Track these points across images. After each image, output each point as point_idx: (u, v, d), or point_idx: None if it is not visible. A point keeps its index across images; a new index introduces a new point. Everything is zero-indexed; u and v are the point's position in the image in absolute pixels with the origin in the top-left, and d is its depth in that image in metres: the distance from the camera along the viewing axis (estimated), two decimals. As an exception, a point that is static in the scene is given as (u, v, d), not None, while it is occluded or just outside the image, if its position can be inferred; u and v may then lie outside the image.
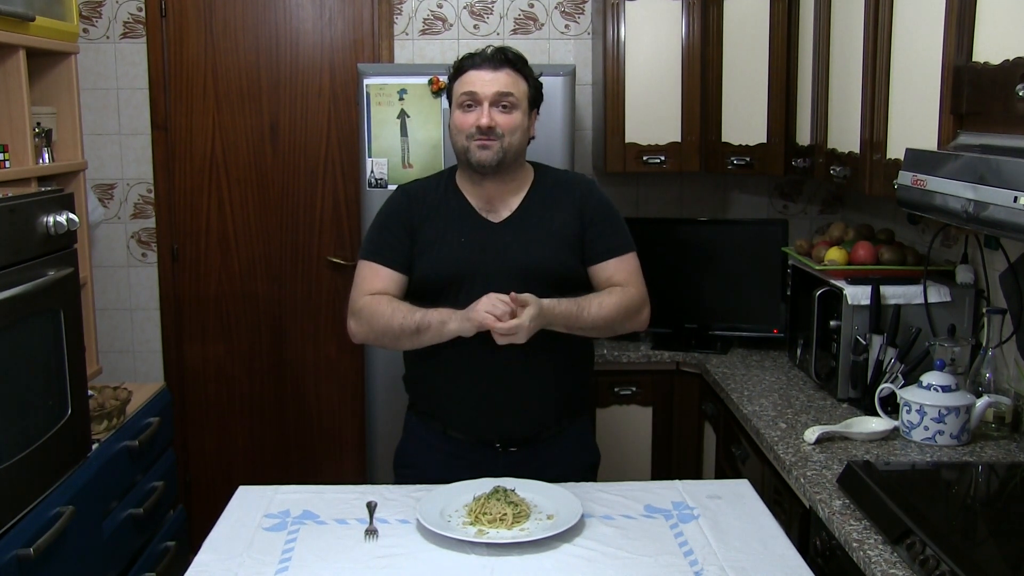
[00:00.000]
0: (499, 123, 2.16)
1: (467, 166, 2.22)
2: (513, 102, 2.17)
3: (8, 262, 2.06)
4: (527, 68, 2.23)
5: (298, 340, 3.84)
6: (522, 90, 2.20)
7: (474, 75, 2.18)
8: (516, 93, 2.18)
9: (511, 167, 2.22)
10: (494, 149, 2.16)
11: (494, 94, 2.16)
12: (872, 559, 1.71)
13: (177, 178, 3.76)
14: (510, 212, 2.24)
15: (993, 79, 1.79)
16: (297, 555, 1.82)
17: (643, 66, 3.35)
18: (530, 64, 2.26)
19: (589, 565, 1.77)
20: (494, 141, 2.15)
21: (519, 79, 2.20)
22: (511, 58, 2.20)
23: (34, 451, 2.12)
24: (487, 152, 2.16)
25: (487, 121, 2.14)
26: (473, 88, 2.17)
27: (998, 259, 2.50)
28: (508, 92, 2.16)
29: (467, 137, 2.17)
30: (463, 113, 2.19)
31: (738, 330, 3.35)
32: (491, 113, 2.15)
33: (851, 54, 2.54)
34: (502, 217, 2.24)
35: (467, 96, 2.18)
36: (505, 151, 2.17)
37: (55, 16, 2.63)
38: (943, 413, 2.24)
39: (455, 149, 2.23)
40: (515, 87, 2.18)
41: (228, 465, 3.87)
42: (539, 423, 2.24)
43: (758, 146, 3.26)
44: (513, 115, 2.17)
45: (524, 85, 2.21)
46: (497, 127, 2.15)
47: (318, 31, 3.70)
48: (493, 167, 2.17)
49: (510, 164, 2.21)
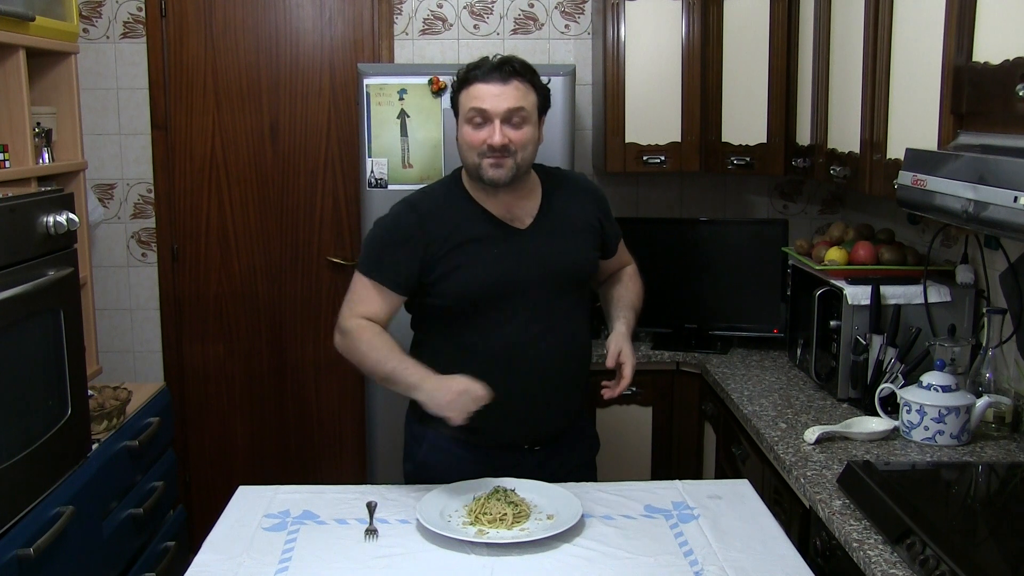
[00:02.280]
0: (512, 139, 2.08)
1: (478, 182, 2.15)
2: (524, 116, 2.09)
3: (8, 262, 2.06)
4: (535, 77, 2.14)
5: (298, 340, 3.84)
6: (532, 101, 2.11)
7: (483, 89, 2.08)
8: (527, 106, 2.09)
9: (523, 179, 2.18)
10: (507, 167, 2.08)
11: (505, 111, 2.06)
12: (872, 559, 1.71)
13: (177, 178, 3.76)
14: (532, 218, 2.20)
15: (993, 79, 1.79)
16: (297, 555, 1.82)
17: (643, 66, 3.35)
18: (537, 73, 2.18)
19: (589, 565, 1.77)
20: (507, 158, 2.08)
21: (529, 90, 2.11)
22: (519, 69, 2.10)
23: (34, 451, 2.12)
24: (500, 171, 2.09)
25: (500, 139, 2.06)
26: (483, 104, 2.07)
27: (998, 259, 2.50)
28: (519, 107, 2.07)
29: (479, 155, 2.08)
30: (473, 129, 2.09)
31: (738, 330, 3.35)
32: (503, 131, 2.07)
33: (851, 54, 2.54)
34: (526, 223, 2.19)
35: (476, 112, 2.08)
36: (519, 167, 2.11)
37: (55, 16, 2.63)
38: (943, 413, 2.24)
39: (465, 164, 2.16)
40: (525, 100, 2.09)
41: (228, 465, 3.87)
42: (567, 421, 2.28)
43: (758, 146, 3.26)
44: (525, 130, 2.09)
45: (533, 96, 2.12)
46: (510, 144, 2.07)
47: (318, 31, 3.70)
48: (506, 184, 2.12)
49: (521, 177, 2.16)
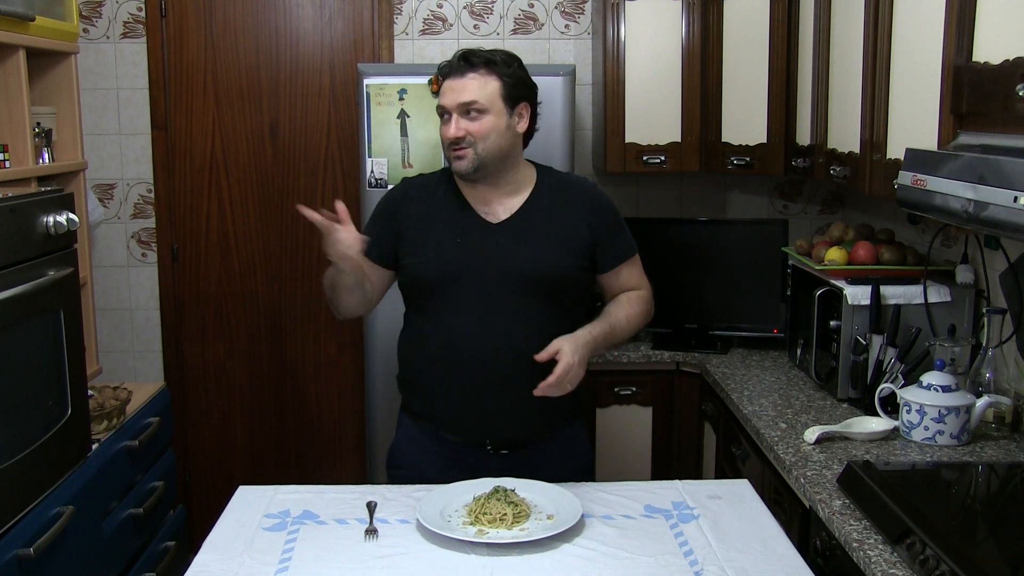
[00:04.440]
0: (469, 130, 2.13)
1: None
2: (480, 107, 2.12)
3: (8, 262, 2.06)
4: (498, 66, 2.15)
5: (298, 340, 3.83)
6: (491, 90, 2.13)
7: (445, 85, 2.18)
8: (481, 98, 2.12)
9: (498, 170, 2.19)
10: (468, 158, 2.14)
11: (457, 105, 2.13)
12: (872, 559, 1.71)
13: (177, 178, 3.76)
14: (510, 213, 2.21)
15: (993, 79, 1.79)
16: (297, 555, 1.82)
17: (643, 66, 3.35)
18: (524, 63, 2.21)
19: (589, 565, 1.77)
20: (466, 150, 2.14)
21: (488, 79, 2.14)
22: (475, 62, 2.14)
23: (34, 451, 2.12)
24: (462, 162, 2.15)
25: (454, 132, 2.13)
26: (442, 100, 2.17)
27: (998, 259, 2.49)
28: (472, 100, 2.12)
29: (446, 148, 2.18)
30: (443, 124, 2.18)
31: (738, 330, 3.35)
32: (459, 123, 2.13)
33: (851, 54, 2.54)
34: (500, 218, 2.21)
35: (441, 108, 2.18)
36: (481, 158, 2.14)
37: (55, 16, 2.63)
38: (943, 413, 2.24)
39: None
40: (481, 91, 2.13)
41: (228, 465, 3.87)
42: (530, 427, 2.22)
43: (758, 146, 3.26)
44: (482, 121, 2.13)
45: (495, 83, 2.14)
46: (467, 136, 2.13)
47: (318, 31, 3.70)
48: (471, 174, 2.16)
49: (494, 168, 2.17)
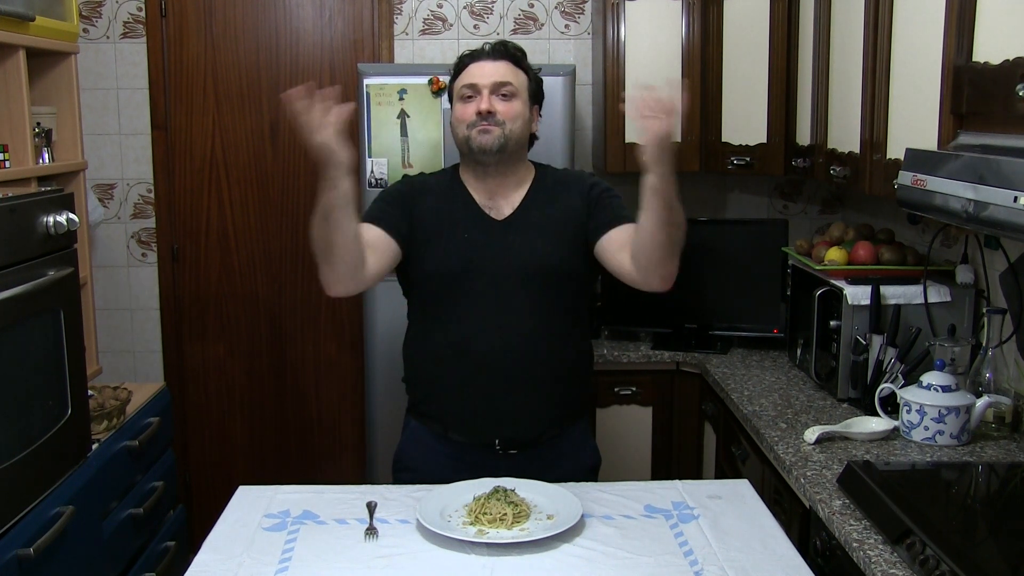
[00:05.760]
0: (499, 110, 2.15)
1: (469, 156, 2.21)
2: (512, 91, 2.18)
3: (8, 262, 2.06)
4: (526, 63, 2.25)
5: (298, 340, 3.83)
6: (521, 81, 2.21)
7: (474, 67, 2.20)
8: (515, 83, 2.19)
9: (513, 158, 2.21)
10: (495, 134, 2.14)
11: (493, 83, 2.16)
12: (872, 559, 1.71)
13: (177, 178, 3.76)
14: (512, 209, 2.23)
15: (993, 79, 1.79)
16: (297, 555, 1.81)
17: (643, 66, 3.35)
18: (530, 64, 2.27)
19: (589, 565, 1.76)
20: (495, 127, 2.14)
21: (519, 71, 2.22)
22: (511, 51, 2.22)
23: (34, 451, 2.12)
24: (488, 136, 2.14)
25: (487, 105, 2.14)
26: (472, 80, 2.18)
27: (998, 259, 2.49)
28: (507, 81, 2.17)
29: (468, 126, 2.16)
30: (463, 104, 2.19)
31: (738, 330, 3.35)
32: (491, 100, 2.15)
33: (851, 54, 2.54)
34: (504, 214, 2.22)
35: (467, 88, 2.18)
36: (507, 137, 2.15)
37: (55, 16, 2.63)
38: (943, 413, 2.24)
39: (457, 143, 2.23)
40: (514, 77, 2.19)
41: (228, 465, 3.87)
42: (540, 425, 2.23)
43: (758, 146, 3.26)
44: (513, 103, 2.18)
45: (524, 77, 2.22)
46: (497, 113, 2.15)
47: (318, 31, 3.70)
48: (495, 152, 2.15)
49: (512, 153, 2.19)
